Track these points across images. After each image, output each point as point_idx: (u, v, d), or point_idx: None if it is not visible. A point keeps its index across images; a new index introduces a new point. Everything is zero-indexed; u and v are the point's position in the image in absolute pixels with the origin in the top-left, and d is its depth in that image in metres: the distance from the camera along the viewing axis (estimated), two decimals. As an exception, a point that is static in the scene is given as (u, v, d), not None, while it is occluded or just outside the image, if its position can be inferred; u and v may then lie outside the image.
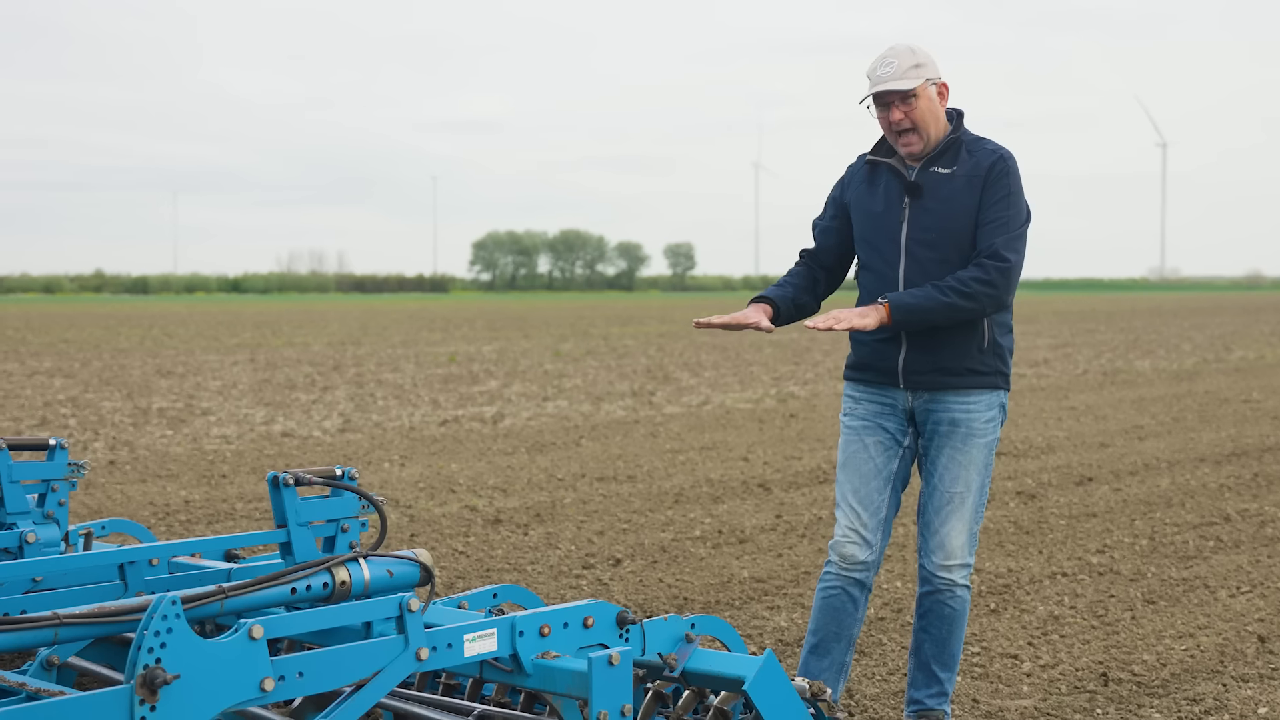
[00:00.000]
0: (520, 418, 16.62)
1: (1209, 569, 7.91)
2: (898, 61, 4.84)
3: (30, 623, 3.34)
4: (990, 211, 4.85)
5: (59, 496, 5.23)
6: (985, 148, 4.95)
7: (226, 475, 11.77)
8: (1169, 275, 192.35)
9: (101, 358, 28.15)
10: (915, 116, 4.86)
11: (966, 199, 4.87)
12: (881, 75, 4.85)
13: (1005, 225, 4.84)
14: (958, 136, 4.95)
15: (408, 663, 3.50)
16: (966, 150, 4.94)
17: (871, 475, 5.01)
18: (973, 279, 4.79)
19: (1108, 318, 52.53)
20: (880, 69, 4.86)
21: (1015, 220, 4.87)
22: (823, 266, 5.22)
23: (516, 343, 34.50)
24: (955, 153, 4.93)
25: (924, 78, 4.84)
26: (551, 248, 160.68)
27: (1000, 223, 4.84)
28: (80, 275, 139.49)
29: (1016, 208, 4.89)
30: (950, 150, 4.93)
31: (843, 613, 5.01)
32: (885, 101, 4.87)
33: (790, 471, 11.74)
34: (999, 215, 4.85)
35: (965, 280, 4.78)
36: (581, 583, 7.61)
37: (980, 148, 4.95)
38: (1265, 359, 27.54)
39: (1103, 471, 11.70)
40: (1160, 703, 5.46)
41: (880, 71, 4.85)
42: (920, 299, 4.78)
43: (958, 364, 4.91)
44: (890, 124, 4.90)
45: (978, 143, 4.97)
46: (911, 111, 4.85)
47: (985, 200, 4.85)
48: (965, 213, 4.87)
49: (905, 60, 4.84)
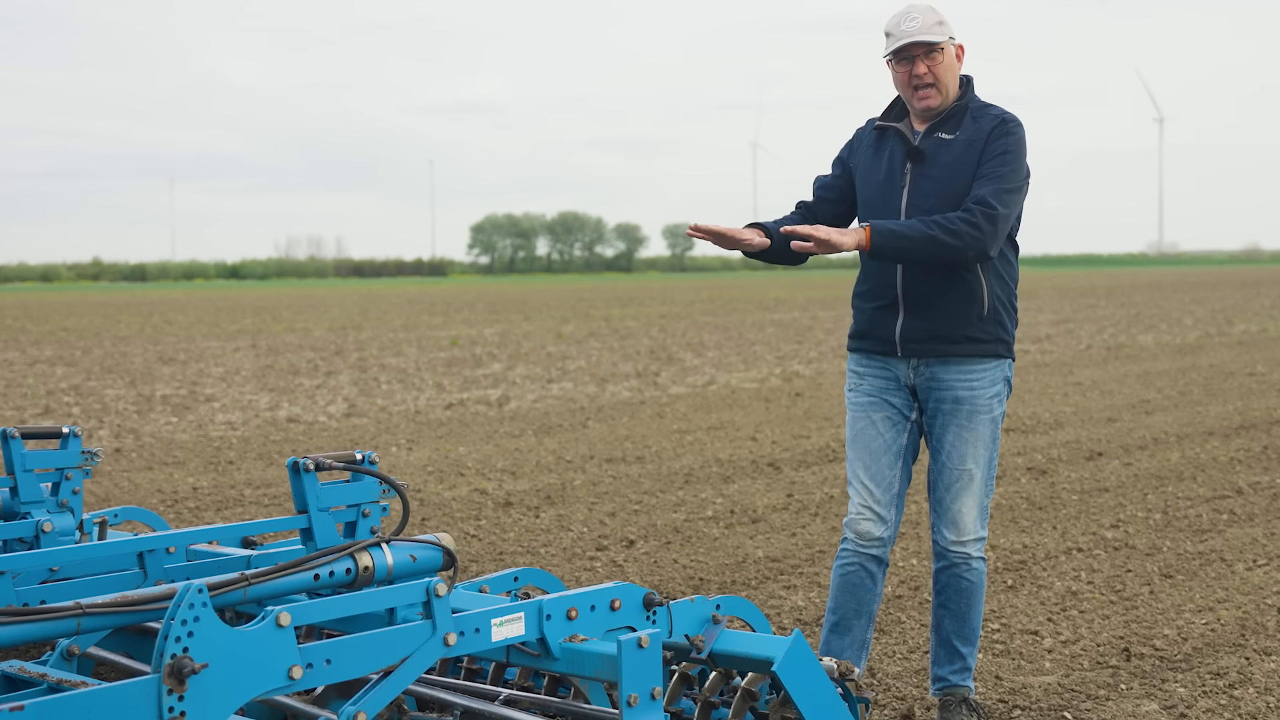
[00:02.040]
0: (525, 400, 16.58)
1: (1224, 542, 7.88)
2: (922, 18, 4.79)
3: (53, 613, 3.30)
4: (986, 167, 4.78)
5: (73, 485, 5.18)
6: (990, 113, 4.89)
7: (234, 461, 11.73)
8: (1167, 250, 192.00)
9: (102, 345, 28.10)
10: (938, 72, 4.80)
11: (966, 163, 4.81)
12: (907, 30, 4.78)
13: (999, 179, 4.77)
14: (965, 102, 4.90)
15: (436, 648, 3.46)
16: (971, 116, 4.88)
17: (881, 451, 4.97)
18: (959, 218, 4.69)
19: (1108, 293, 52.47)
20: (905, 24, 4.79)
21: (1009, 177, 4.78)
22: (818, 220, 5.15)
23: (518, 325, 34.45)
24: (960, 118, 4.88)
25: (947, 35, 4.80)
26: (550, 230, 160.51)
27: (994, 177, 4.77)
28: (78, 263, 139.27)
29: (1013, 166, 4.80)
30: (956, 115, 4.88)
31: (862, 589, 4.97)
32: (910, 55, 4.80)
33: (799, 450, 11.71)
34: (994, 170, 4.77)
35: (951, 219, 4.69)
36: (596, 565, 7.58)
37: (985, 113, 4.89)
38: (1268, 332, 27.49)
39: (1112, 446, 11.67)
40: (1184, 677, 5.42)
41: (905, 26, 4.79)
42: (903, 227, 4.69)
43: (955, 331, 4.85)
44: (912, 77, 4.83)
45: (983, 109, 4.91)
46: (935, 66, 4.80)
47: (983, 158, 4.79)
48: (965, 178, 4.80)
49: (929, 17, 4.79)
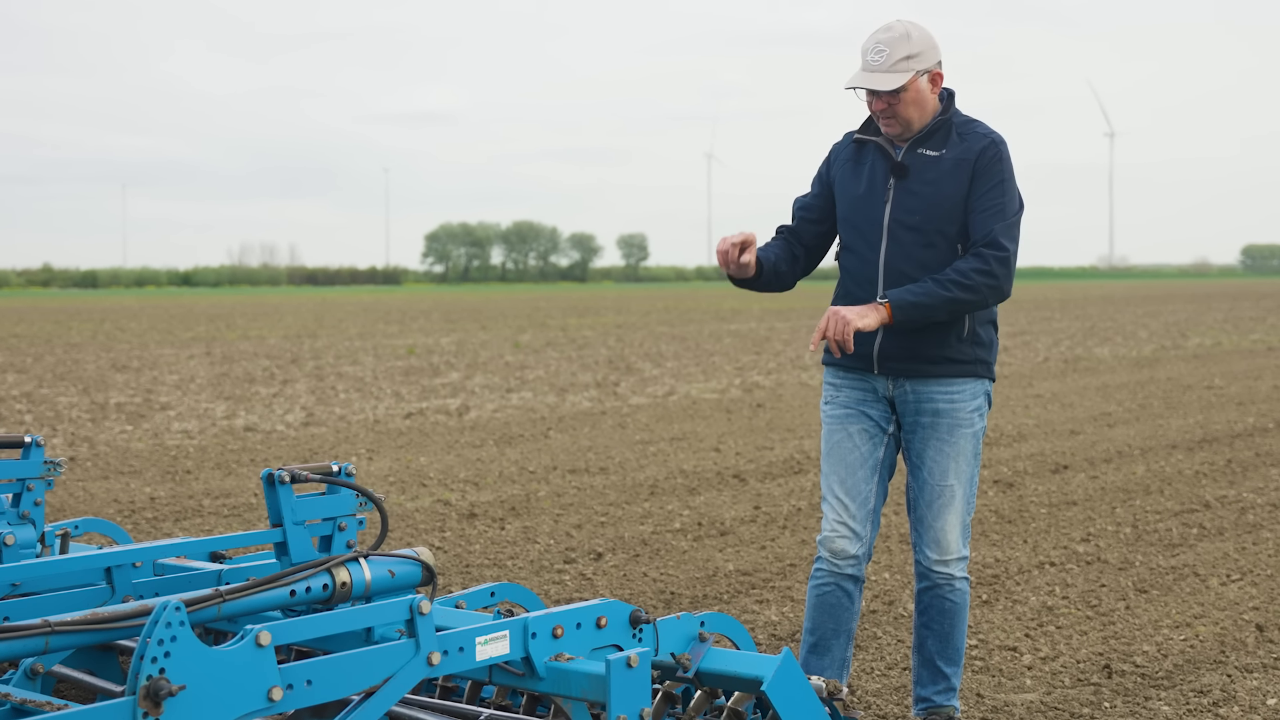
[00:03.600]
0: (485, 410, 16.44)
1: (1196, 557, 7.85)
2: (889, 51, 4.65)
3: (20, 631, 3.17)
4: (984, 199, 4.71)
5: (35, 496, 5.02)
6: (976, 131, 4.81)
7: (191, 471, 11.53)
8: (1117, 264, 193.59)
9: (54, 352, 27.73)
10: (898, 109, 4.71)
11: (953, 182, 4.73)
12: (870, 64, 4.68)
13: (1000, 212, 4.71)
14: (948, 118, 4.81)
15: (419, 668, 3.35)
16: (957, 133, 4.80)
17: (857, 465, 4.86)
18: (973, 270, 4.64)
19: (1061, 306, 52.78)
20: (872, 55, 4.68)
21: (1010, 207, 4.74)
22: (802, 244, 5.05)
23: (474, 334, 34.26)
24: (945, 135, 4.79)
25: (914, 70, 4.66)
26: (504, 239, 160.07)
27: (995, 210, 4.71)
28: (28, 269, 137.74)
29: (1010, 194, 4.75)
30: (939, 132, 4.79)
31: (839, 608, 4.87)
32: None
33: (763, 462, 11.63)
34: (993, 202, 4.71)
35: (965, 272, 4.64)
36: (565, 578, 7.46)
37: (971, 130, 4.81)
38: (1222, 345, 27.68)
39: (1077, 459, 11.65)
40: (1167, 695, 5.36)
41: (871, 59, 4.68)
42: (921, 296, 4.61)
43: (935, 352, 4.77)
44: (871, 110, 4.78)
45: (968, 125, 4.83)
46: (895, 104, 4.70)
47: (977, 187, 4.71)
48: (951, 196, 4.73)
49: (898, 50, 4.65)
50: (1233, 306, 50.55)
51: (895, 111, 4.71)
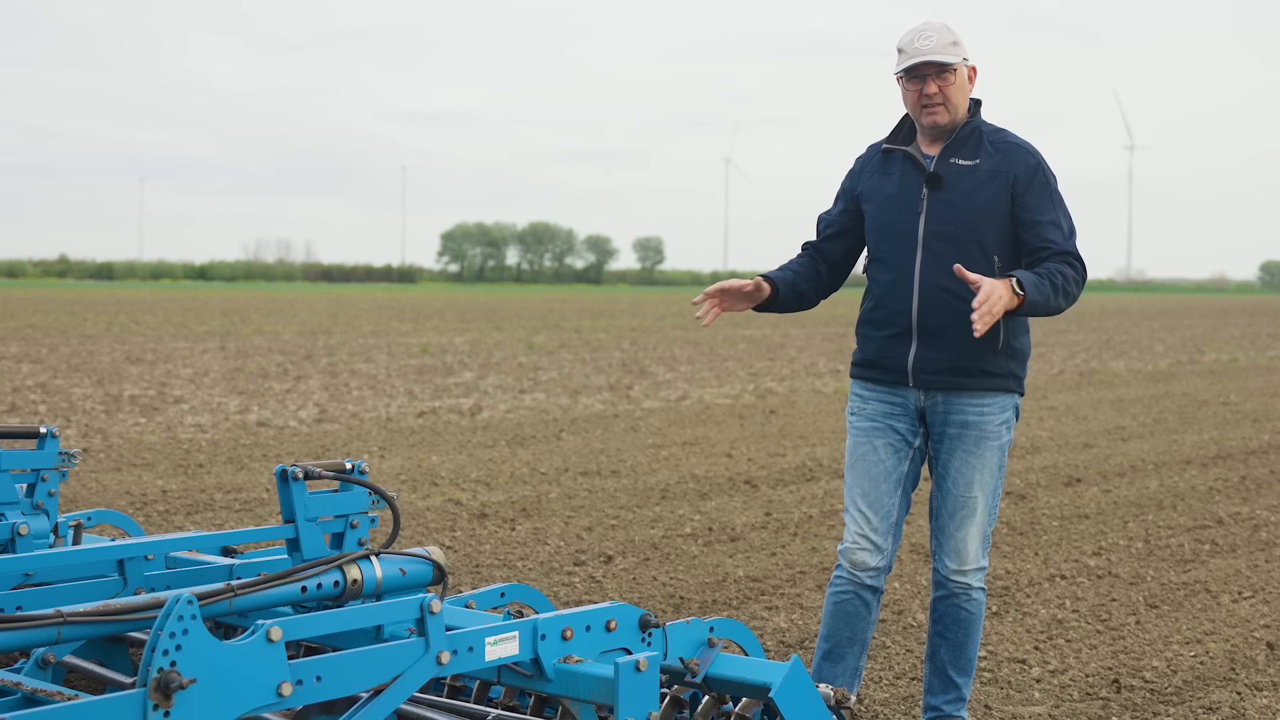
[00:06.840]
0: (498, 410, 16.45)
1: (1208, 573, 7.82)
2: (936, 36, 4.68)
3: (33, 621, 3.17)
4: (1041, 211, 4.72)
5: (49, 487, 5.03)
6: (1009, 141, 4.80)
7: (203, 465, 11.56)
8: (1135, 277, 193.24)
9: (69, 343, 27.81)
10: (948, 92, 4.70)
11: (991, 194, 4.71)
12: (920, 48, 4.68)
13: (1057, 225, 4.73)
14: (977, 126, 4.81)
15: (428, 667, 3.35)
16: (989, 142, 4.78)
17: (881, 478, 4.85)
18: (1073, 280, 4.68)
19: (1078, 318, 52.63)
20: (919, 41, 4.69)
21: (1067, 219, 4.79)
22: (827, 261, 5.04)
23: (488, 334, 34.29)
24: (976, 144, 4.77)
25: (961, 56, 4.71)
26: (520, 240, 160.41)
27: (1051, 222, 4.72)
28: (44, 260, 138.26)
29: (1063, 206, 4.80)
30: (971, 140, 4.77)
31: (856, 618, 4.87)
32: (921, 74, 4.70)
33: (775, 469, 11.62)
34: (1055, 216, 4.74)
35: (1070, 279, 4.67)
36: (574, 580, 7.46)
37: (1003, 140, 4.80)
38: (1238, 361, 27.60)
39: (1090, 472, 11.63)
40: (1176, 711, 5.35)
41: (919, 44, 4.68)
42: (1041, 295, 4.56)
43: (971, 364, 4.75)
44: (922, 96, 4.73)
45: (999, 134, 4.82)
46: (946, 87, 4.69)
47: (1027, 200, 4.71)
48: (988, 208, 4.71)
49: (944, 36, 4.69)
50: (1250, 323, 50.41)
51: (947, 95, 4.70)
